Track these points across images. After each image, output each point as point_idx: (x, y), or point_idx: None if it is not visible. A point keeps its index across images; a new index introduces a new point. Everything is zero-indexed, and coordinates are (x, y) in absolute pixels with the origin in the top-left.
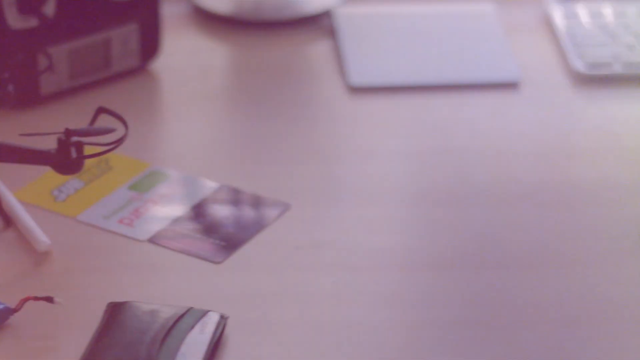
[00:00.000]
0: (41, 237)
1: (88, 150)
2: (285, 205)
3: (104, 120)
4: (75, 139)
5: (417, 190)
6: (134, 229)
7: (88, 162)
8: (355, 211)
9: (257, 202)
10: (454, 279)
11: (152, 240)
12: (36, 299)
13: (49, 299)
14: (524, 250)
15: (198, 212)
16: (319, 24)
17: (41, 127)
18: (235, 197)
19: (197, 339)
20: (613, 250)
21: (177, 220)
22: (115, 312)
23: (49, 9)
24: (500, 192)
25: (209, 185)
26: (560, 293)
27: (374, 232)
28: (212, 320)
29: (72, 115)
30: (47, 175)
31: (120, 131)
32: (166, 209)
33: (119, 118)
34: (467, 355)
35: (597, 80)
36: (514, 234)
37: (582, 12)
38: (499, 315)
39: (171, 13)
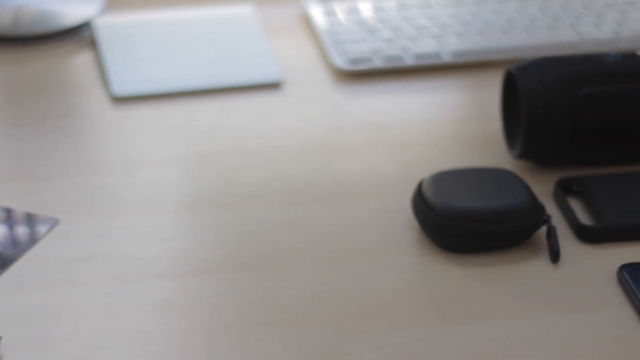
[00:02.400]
0: None
1: None
2: (54, 220)
3: None
4: None
5: (187, 196)
6: None
7: None
8: (126, 221)
9: (24, 219)
10: (226, 282)
11: None
12: None
13: None
14: (297, 249)
15: None
16: (79, 35)
17: None
18: (2, 215)
19: None
20: (382, 243)
21: None
22: None
23: None
24: (270, 192)
25: None
26: (333, 288)
27: (145, 241)
28: None
29: None
30: None
31: None
32: None
33: None
34: (242, 357)
35: (358, 75)
36: (285, 232)
37: (341, 10)
38: (272, 315)
39: None
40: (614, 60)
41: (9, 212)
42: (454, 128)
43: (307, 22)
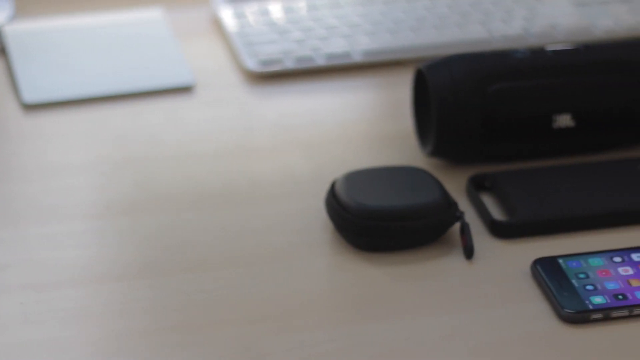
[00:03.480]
0: None
1: None
2: None
3: None
4: None
5: (101, 202)
6: None
7: None
8: (39, 229)
9: None
10: (143, 287)
11: None
12: None
13: None
14: (211, 252)
15: None
16: None
17: None
18: None
19: None
20: (298, 244)
21: None
22: None
23: None
24: (183, 196)
25: None
26: (249, 290)
27: (59, 248)
28: None
29: None
30: None
31: None
32: None
33: None
34: None
35: (270, 77)
36: (200, 236)
37: (250, 11)
38: (188, 319)
39: None
40: (522, 56)
41: None
42: (365, 127)
43: (217, 24)
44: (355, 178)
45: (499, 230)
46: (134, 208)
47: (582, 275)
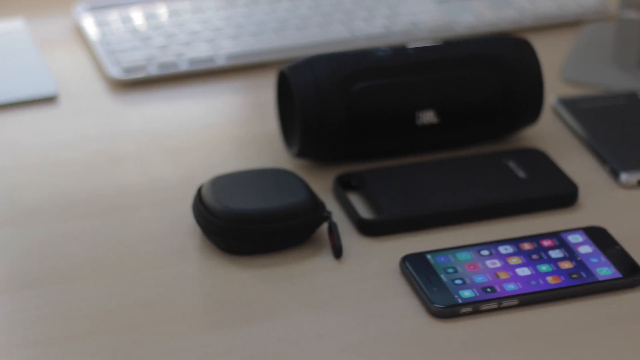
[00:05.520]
0: None
1: None
2: None
3: None
4: None
5: None
6: None
7: None
8: None
9: None
10: (5, 301)
11: None
12: None
13: None
14: (78, 262)
15: None
16: None
17: None
18: None
19: None
20: (165, 250)
21: None
22: None
23: None
24: (50, 207)
25: None
26: (118, 299)
27: None
28: None
29: None
30: None
31: None
32: None
33: None
34: None
35: (134, 84)
36: (68, 246)
37: (112, 19)
38: (57, 331)
39: None
40: (384, 54)
41: None
42: (231, 131)
43: (79, 33)
44: (222, 182)
45: (366, 229)
46: (0, 221)
47: (450, 270)
